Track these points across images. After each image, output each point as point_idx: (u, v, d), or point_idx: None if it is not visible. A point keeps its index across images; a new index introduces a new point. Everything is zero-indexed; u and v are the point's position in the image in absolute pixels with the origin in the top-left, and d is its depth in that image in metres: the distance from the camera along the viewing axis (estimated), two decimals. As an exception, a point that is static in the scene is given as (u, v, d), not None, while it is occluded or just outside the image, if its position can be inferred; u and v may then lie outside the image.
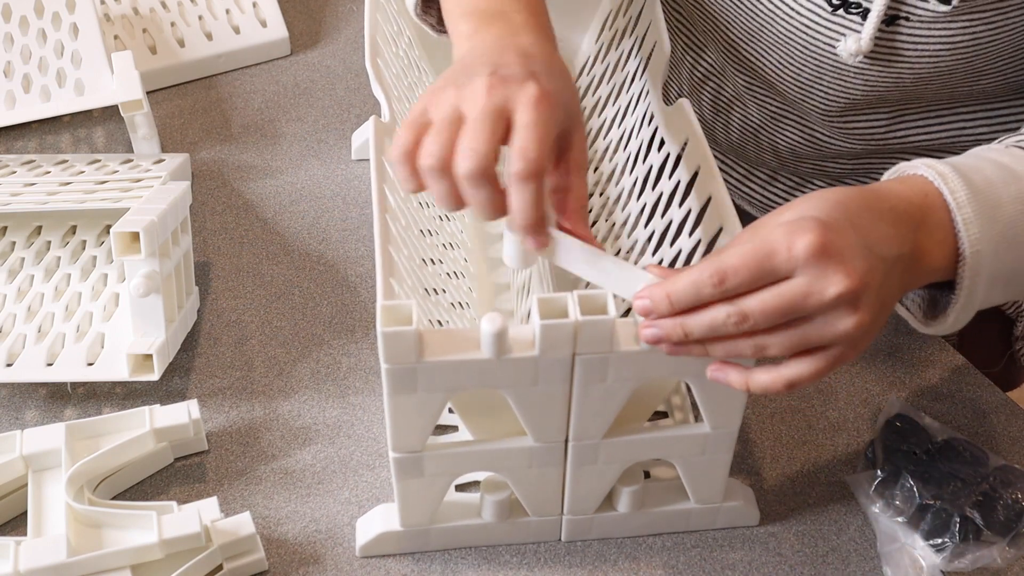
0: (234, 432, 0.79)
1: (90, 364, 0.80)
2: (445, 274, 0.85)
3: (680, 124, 0.76)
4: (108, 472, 0.74)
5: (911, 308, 0.69)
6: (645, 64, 0.85)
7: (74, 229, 0.92)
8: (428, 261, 0.83)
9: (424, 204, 0.85)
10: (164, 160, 0.96)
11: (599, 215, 0.91)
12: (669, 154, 0.78)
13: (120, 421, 0.75)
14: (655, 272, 0.60)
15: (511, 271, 0.89)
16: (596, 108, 0.94)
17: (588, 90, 0.97)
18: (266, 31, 1.11)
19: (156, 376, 0.78)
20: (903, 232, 0.60)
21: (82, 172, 0.93)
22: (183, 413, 0.75)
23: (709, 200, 0.71)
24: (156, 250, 0.77)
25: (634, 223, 0.84)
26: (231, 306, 0.88)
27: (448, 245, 0.86)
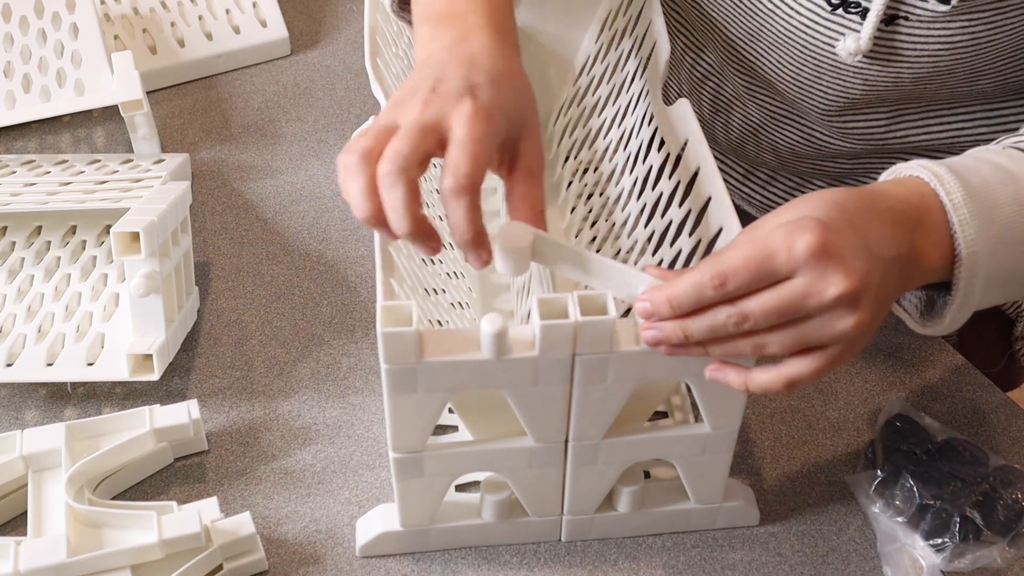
0: (234, 432, 0.79)
1: (90, 364, 0.80)
2: (445, 274, 0.85)
3: (680, 124, 0.76)
4: (108, 472, 0.74)
5: (908, 309, 0.69)
6: (645, 64, 0.85)
7: (74, 229, 0.92)
8: (428, 261, 0.83)
9: (425, 204, 0.85)
10: (164, 160, 0.96)
11: (599, 215, 0.91)
12: (669, 154, 0.78)
13: (120, 421, 0.75)
14: (654, 273, 0.60)
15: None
16: (596, 108, 0.94)
17: (588, 90, 0.97)
18: (266, 31, 1.11)
19: (156, 376, 0.78)
20: (900, 233, 0.60)
21: (82, 172, 0.93)
22: (183, 413, 0.75)
23: (709, 200, 0.71)
24: (156, 250, 0.77)
25: (634, 223, 0.84)
26: (231, 306, 0.88)
27: (448, 245, 0.86)
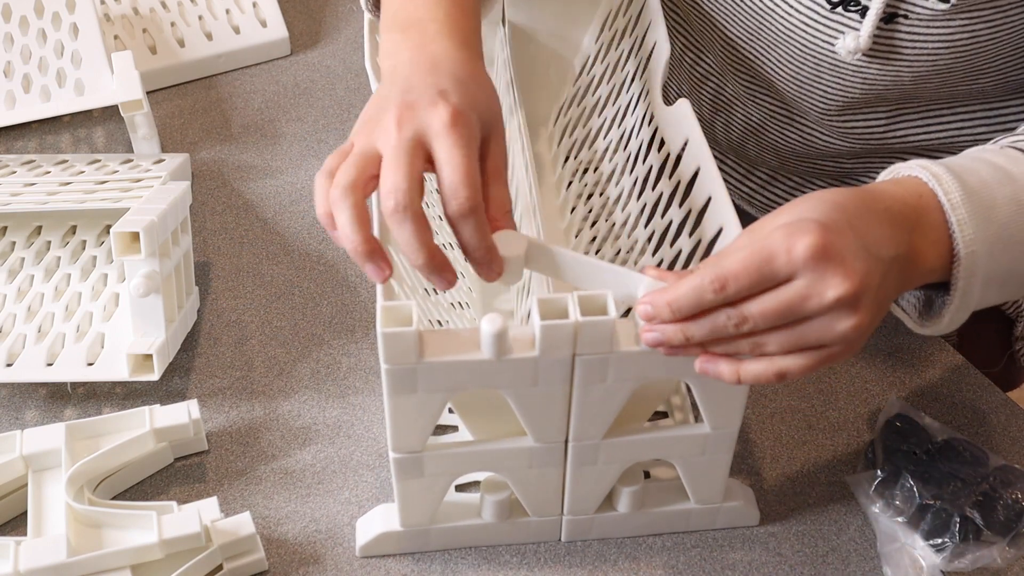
0: (234, 432, 0.79)
1: (90, 364, 0.80)
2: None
3: (680, 124, 0.76)
4: (108, 472, 0.74)
5: (907, 309, 0.69)
6: (645, 64, 0.85)
7: (74, 229, 0.92)
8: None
9: (425, 204, 0.85)
10: (164, 160, 0.96)
11: (599, 215, 0.91)
12: (669, 154, 0.78)
13: (120, 421, 0.75)
14: (652, 274, 0.60)
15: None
16: (596, 108, 0.94)
17: (588, 90, 0.97)
18: (266, 31, 1.11)
19: (156, 376, 0.78)
20: (899, 233, 0.60)
21: (82, 172, 0.93)
22: (183, 413, 0.75)
23: (709, 200, 0.71)
24: (156, 250, 0.77)
25: (634, 223, 0.84)
26: (231, 306, 0.88)
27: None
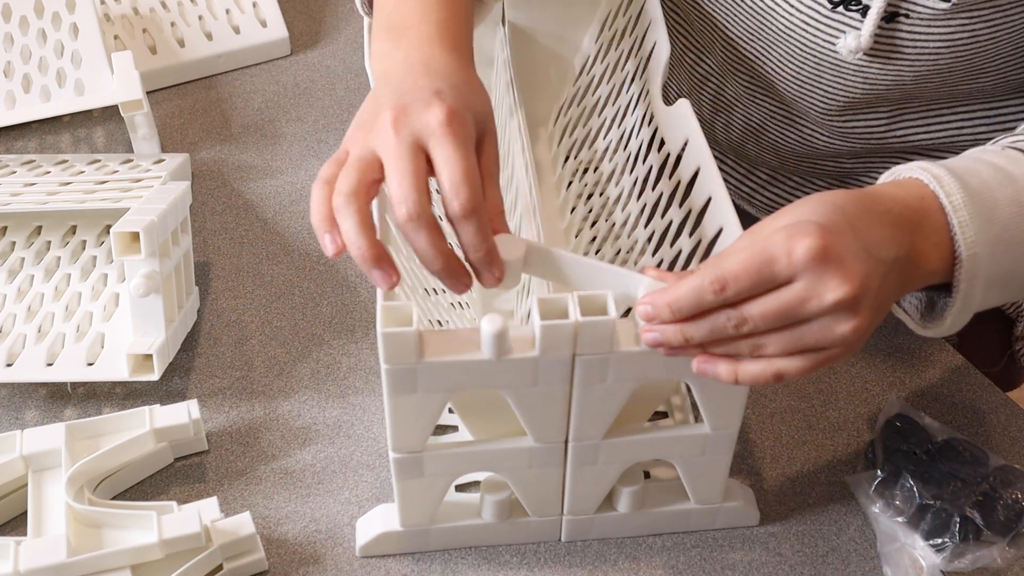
0: (234, 432, 0.79)
1: (90, 364, 0.80)
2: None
3: (680, 124, 0.76)
4: (108, 472, 0.74)
5: (909, 310, 0.69)
6: (645, 64, 0.85)
7: (74, 229, 0.92)
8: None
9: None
10: (164, 160, 0.96)
11: (599, 215, 0.91)
12: (669, 154, 0.78)
13: (120, 421, 0.75)
14: (652, 274, 0.60)
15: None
16: (596, 108, 0.94)
17: (588, 90, 0.97)
18: (266, 31, 1.11)
19: (156, 376, 0.78)
20: (900, 235, 0.60)
21: (82, 172, 0.93)
22: (183, 413, 0.75)
23: (709, 200, 0.71)
24: (156, 250, 0.77)
25: (634, 223, 0.84)
26: (231, 306, 0.88)
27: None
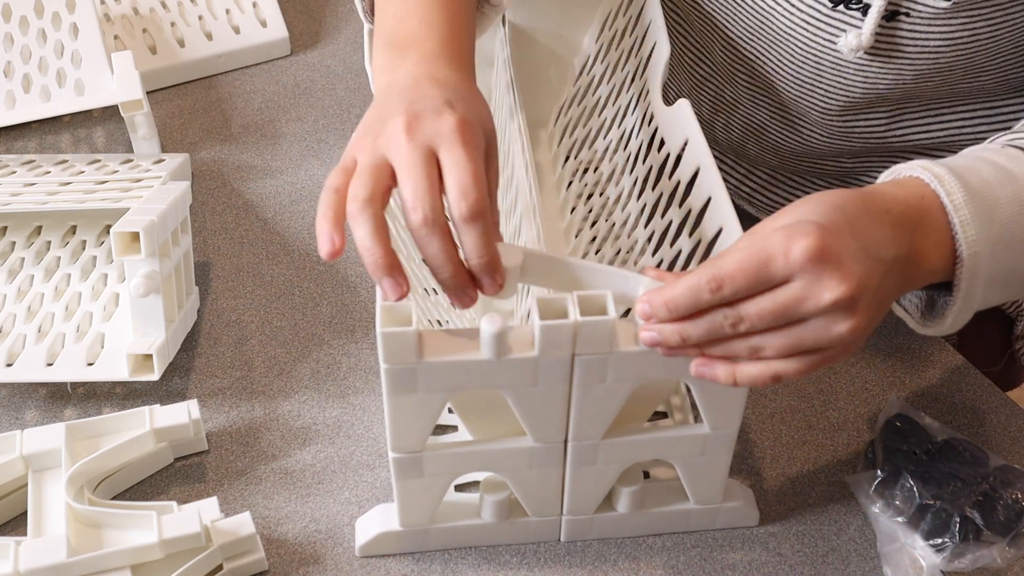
0: (234, 432, 0.79)
1: (90, 364, 0.80)
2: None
3: (680, 124, 0.76)
4: (108, 472, 0.74)
5: (909, 309, 0.69)
6: (645, 64, 0.85)
7: (74, 229, 0.92)
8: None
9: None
10: (164, 160, 0.96)
11: (599, 215, 0.91)
12: (669, 154, 0.78)
13: (120, 421, 0.75)
14: (651, 274, 0.60)
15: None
16: (596, 108, 0.94)
17: (588, 90, 0.97)
18: (266, 31, 1.11)
19: (156, 376, 0.78)
20: (900, 234, 0.60)
21: (82, 172, 0.93)
22: (183, 413, 0.75)
23: (709, 200, 0.71)
24: (156, 250, 0.77)
25: (634, 223, 0.84)
26: (231, 306, 0.88)
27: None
